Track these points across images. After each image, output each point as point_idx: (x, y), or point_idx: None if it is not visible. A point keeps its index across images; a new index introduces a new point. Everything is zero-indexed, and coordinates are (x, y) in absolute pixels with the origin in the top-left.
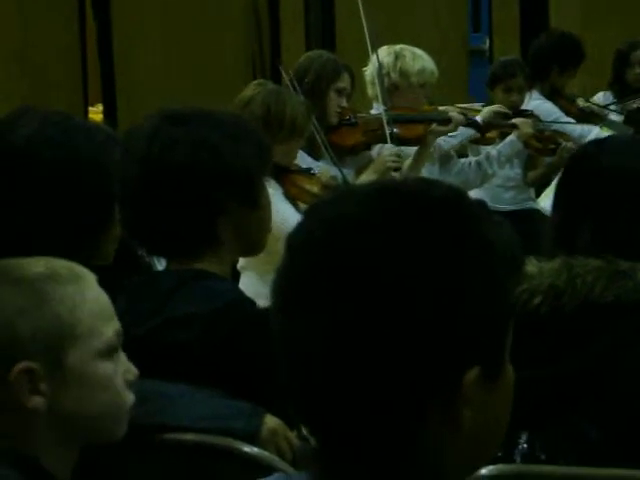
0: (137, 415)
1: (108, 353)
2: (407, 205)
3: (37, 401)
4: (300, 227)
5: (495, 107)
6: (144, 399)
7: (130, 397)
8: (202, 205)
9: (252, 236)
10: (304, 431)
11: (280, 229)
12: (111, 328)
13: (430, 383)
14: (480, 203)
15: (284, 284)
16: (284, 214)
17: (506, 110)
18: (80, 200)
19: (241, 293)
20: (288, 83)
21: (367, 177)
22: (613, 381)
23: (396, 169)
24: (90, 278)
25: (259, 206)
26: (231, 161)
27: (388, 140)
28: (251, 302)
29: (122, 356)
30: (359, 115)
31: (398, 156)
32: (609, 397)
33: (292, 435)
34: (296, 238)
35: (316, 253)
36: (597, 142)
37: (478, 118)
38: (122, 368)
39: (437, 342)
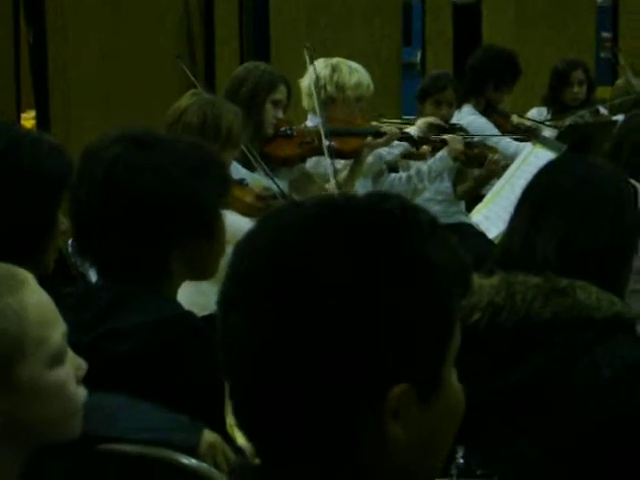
0: None
1: (58, 359)
2: (352, 217)
3: None
4: (247, 236)
5: (429, 119)
6: (85, 410)
7: (82, 392)
8: (155, 236)
9: (205, 265)
10: (238, 443)
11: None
12: (58, 332)
13: (356, 396)
14: (430, 220)
15: (227, 289)
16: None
17: (440, 122)
18: (22, 210)
19: (181, 307)
20: None
21: None
22: (550, 397)
23: None
24: (28, 279)
25: (214, 237)
26: (190, 196)
27: (325, 153)
28: (191, 315)
29: (70, 354)
30: (295, 127)
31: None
32: (546, 413)
33: (229, 449)
34: (242, 246)
35: (258, 260)
36: (566, 158)
37: (412, 131)
38: (73, 367)
39: (361, 355)
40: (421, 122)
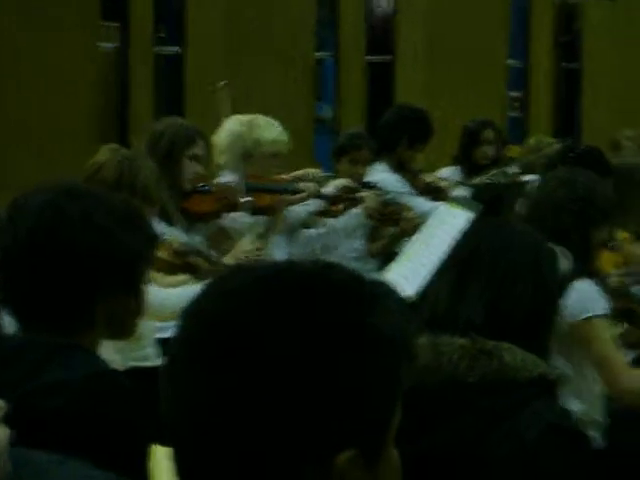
0: None
1: None
2: (299, 287)
3: None
4: (194, 302)
5: (344, 181)
6: (13, 467)
7: (4, 432)
8: (81, 285)
9: (125, 323)
10: None
11: None
12: None
13: (303, 460)
14: (376, 288)
15: (175, 354)
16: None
17: (354, 185)
18: None
19: (105, 363)
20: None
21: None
22: (477, 461)
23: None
24: None
25: (137, 294)
26: (118, 248)
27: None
28: (116, 372)
29: None
30: (213, 183)
31: (259, 249)
32: (471, 477)
33: None
34: (189, 309)
35: (203, 325)
36: (488, 222)
37: (328, 190)
38: None
39: (310, 421)
40: (338, 183)
